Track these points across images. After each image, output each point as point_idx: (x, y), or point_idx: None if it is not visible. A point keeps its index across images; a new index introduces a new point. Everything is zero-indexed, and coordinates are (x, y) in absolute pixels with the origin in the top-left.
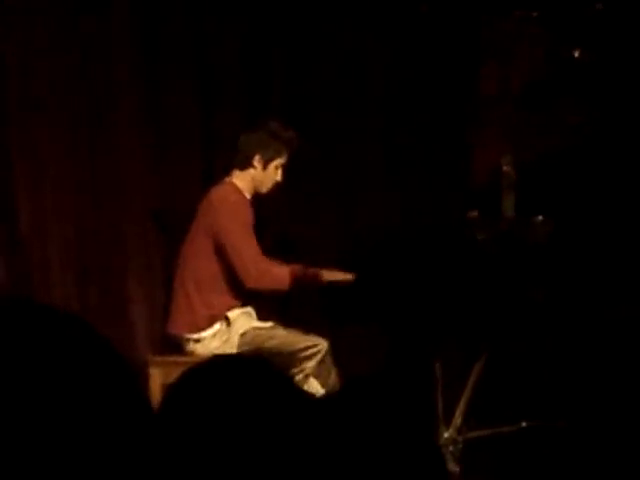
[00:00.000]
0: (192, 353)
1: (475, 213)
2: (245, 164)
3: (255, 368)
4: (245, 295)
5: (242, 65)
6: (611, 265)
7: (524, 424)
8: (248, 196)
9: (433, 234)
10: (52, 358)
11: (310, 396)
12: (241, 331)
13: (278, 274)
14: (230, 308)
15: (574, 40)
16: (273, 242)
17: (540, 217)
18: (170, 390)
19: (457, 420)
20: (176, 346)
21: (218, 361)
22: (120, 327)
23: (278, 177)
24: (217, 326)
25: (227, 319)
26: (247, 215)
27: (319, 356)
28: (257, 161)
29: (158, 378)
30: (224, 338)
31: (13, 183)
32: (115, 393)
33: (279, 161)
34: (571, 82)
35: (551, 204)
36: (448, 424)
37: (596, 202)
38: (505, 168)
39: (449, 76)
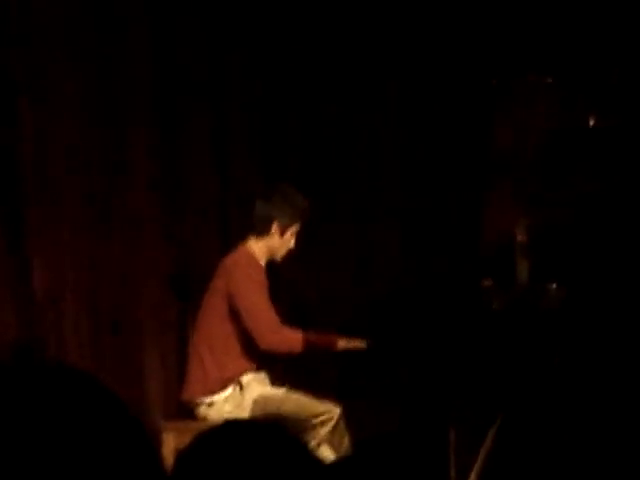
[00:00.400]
0: (205, 418)
1: (489, 281)
2: (263, 230)
3: (269, 433)
4: (259, 358)
5: (257, 125)
6: (626, 331)
7: None
8: (262, 262)
9: (448, 301)
10: (65, 418)
11: (324, 463)
12: (254, 396)
13: (292, 338)
14: (243, 371)
15: (589, 106)
16: (287, 308)
17: (554, 284)
18: (182, 455)
19: None
20: (190, 412)
21: (231, 426)
22: (134, 393)
23: (292, 244)
24: (230, 390)
25: (240, 383)
26: (261, 279)
27: (332, 422)
28: (275, 228)
29: (171, 443)
30: (236, 402)
31: (28, 247)
32: (129, 455)
33: (294, 228)
34: (586, 149)
35: (564, 270)
36: None
37: (609, 268)
38: (519, 237)
39: (462, 142)
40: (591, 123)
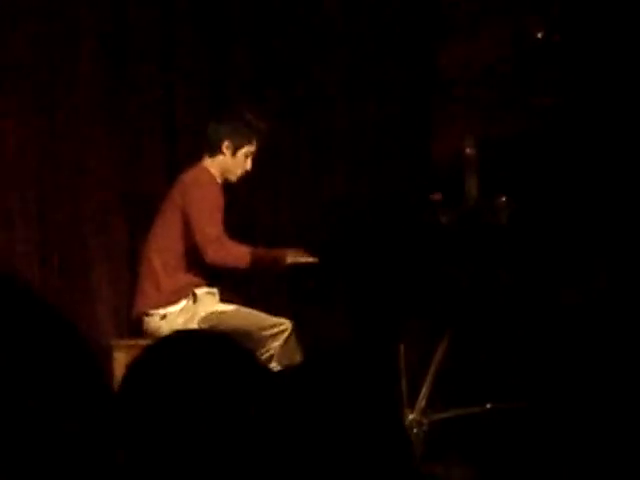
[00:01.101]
0: (157, 330)
1: (438, 195)
2: (214, 150)
3: (217, 344)
4: (210, 275)
5: (204, 46)
6: (574, 246)
7: (489, 405)
8: (219, 181)
9: (396, 216)
10: (8, 335)
11: (272, 372)
12: (207, 311)
13: (238, 251)
14: (196, 285)
15: (539, 20)
16: (236, 223)
17: (503, 198)
18: (132, 365)
19: (421, 402)
20: (141, 330)
21: (179, 337)
22: (84, 312)
23: (248, 166)
24: (184, 302)
25: (194, 295)
26: (217, 196)
27: (284, 335)
28: (226, 147)
29: (123, 362)
30: (189, 315)
31: None
32: (73, 372)
33: (248, 149)
34: (535, 63)
35: (514, 184)
36: (412, 406)
37: (558, 182)
38: (468, 150)
39: (412, 56)
40: (539, 37)
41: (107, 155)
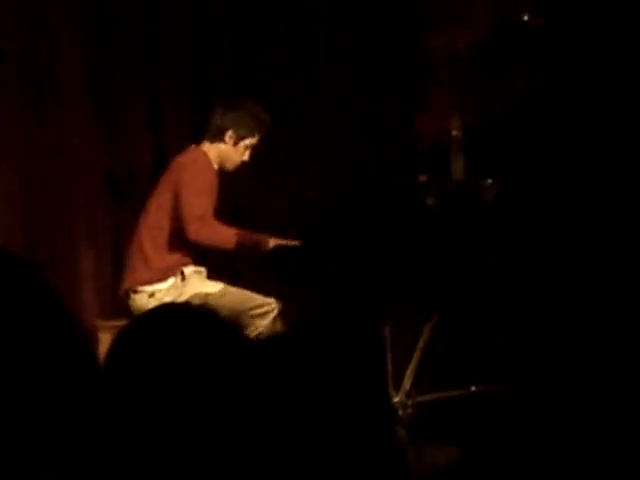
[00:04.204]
0: (144, 307)
1: (424, 177)
2: (216, 137)
3: (202, 317)
4: (198, 255)
5: (189, 28)
6: (559, 228)
7: (473, 388)
8: (215, 167)
9: (382, 198)
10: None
11: (257, 343)
12: (194, 291)
13: (221, 231)
14: (184, 263)
15: (524, 3)
16: (222, 207)
17: (489, 180)
18: (117, 338)
19: (406, 384)
20: (127, 309)
21: (165, 310)
22: (69, 294)
23: (246, 157)
24: (172, 280)
25: (182, 274)
26: (211, 179)
27: (271, 315)
28: (229, 137)
29: (107, 343)
30: (177, 293)
31: None
32: (62, 346)
33: (250, 141)
34: (520, 46)
35: (499, 167)
36: (397, 388)
37: (543, 164)
38: (454, 132)
39: (396, 39)
40: (525, 20)
41: (91, 138)
